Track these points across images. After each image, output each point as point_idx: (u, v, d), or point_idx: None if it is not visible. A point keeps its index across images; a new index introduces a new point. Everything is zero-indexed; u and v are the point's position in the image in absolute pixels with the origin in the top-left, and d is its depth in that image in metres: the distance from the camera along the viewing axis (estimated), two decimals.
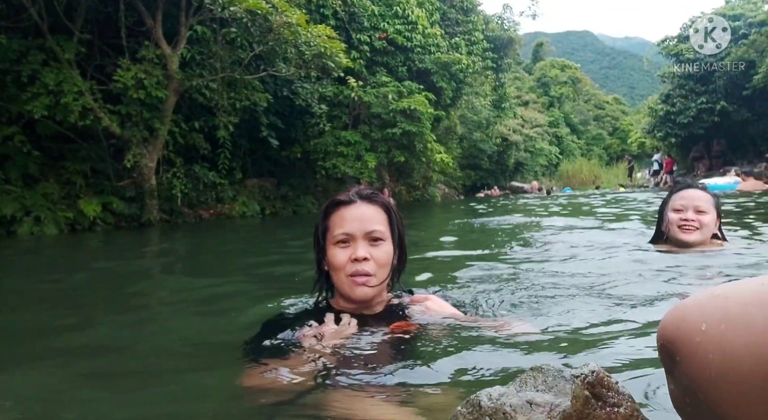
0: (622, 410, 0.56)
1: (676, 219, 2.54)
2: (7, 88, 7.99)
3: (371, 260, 1.44)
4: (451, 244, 5.05)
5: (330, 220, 1.49)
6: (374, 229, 1.45)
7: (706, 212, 2.51)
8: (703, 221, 2.50)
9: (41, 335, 2.15)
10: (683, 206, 2.53)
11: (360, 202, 1.48)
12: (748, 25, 20.91)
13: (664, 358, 0.43)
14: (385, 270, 1.47)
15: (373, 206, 1.49)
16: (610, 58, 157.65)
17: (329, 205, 1.51)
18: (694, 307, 0.41)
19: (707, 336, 0.38)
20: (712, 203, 2.53)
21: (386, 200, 1.53)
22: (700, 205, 2.51)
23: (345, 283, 1.45)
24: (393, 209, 1.53)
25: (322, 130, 12.78)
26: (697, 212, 2.51)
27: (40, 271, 4.37)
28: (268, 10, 9.04)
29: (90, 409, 1.30)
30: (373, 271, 1.44)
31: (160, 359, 1.69)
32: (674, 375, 0.42)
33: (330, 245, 1.47)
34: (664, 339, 0.42)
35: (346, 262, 1.44)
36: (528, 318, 1.61)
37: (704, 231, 2.51)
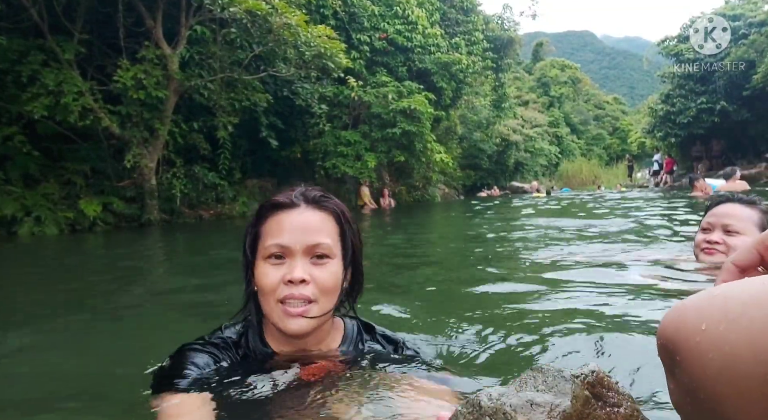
0: (622, 410, 0.57)
1: (700, 240, 2.15)
2: (8, 88, 8.00)
3: (312, 283, 1.10)
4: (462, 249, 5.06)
5: (264, 227, 1.15)
6: (319, 243, 1.11)
7: (739, 233, 2.04)
8: (731, 244, 2.04)
9: (40, 334, 2.15)
10: (710, 225, 2.13)
11: (305, 206, 1.14)
12: (748, 25, 20.90)
13: (664, 357, 0.44)
14: (331, 297, 1.13)
15: (322, 213, 1.15)
16: (610, 58, 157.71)
17: (264, 206, 1.18)
18: (694, 306, 0.41)
19: (707, 335, 0.38)
20: (751, 222, 2.04)
21: (339, 206, 1.19)
22: (731, 224, 2.06)
23: (275, 312, 1.10)
24: (347, 218, 1.18)
25: (322, 130, 12.79)
26: (726, 233, 2.07)
27: (41, 271, 4.37)
28: (268, 11, 9.05)
29: (88, 408, 1.30)
30: (314, 297, 1.10)
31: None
32: (674, 374, 0.43)
33: (259, 259, 1.14)
34: (664, 338, 0.43)
35: (277, 283, 1.10)
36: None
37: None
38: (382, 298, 2.15)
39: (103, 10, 8.85)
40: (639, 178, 31.97)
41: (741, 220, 2.04)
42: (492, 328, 1.60)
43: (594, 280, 2.29)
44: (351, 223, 1.19)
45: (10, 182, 8.05)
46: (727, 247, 2.05)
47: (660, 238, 4.11)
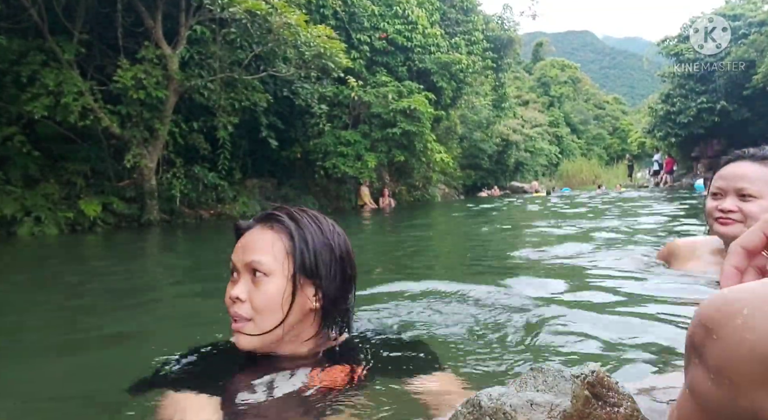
0: (622, 410, 0.57)
1: (711, 208, 1.84)
2: (7, 88, 8.00)
3: (246, 302, 1.11)
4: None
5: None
6: (252, 260, 1.11)
7: (755, 197, 1.74)
8: (747, 210, 1.74)
9: (40, 334, 2.15)
10: (721, 189, 1.81)
11: (257, 227, 1.17)
12: (748, 25, 20.90)
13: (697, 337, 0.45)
14: (270, 317, 1.11)
15: (270, 231, 1.14)
16: (610, 58, 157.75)
17: (234, 230, 1.22)
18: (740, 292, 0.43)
19: (748, 318, 0.40)
20: (767, 180, 1.74)
21: (291, 223, 1.15)
22: (745, 187, 1.74)
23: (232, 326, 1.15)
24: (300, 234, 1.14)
25: (322, 130, 12.78)
26: (740, 197, 1.76)
27: (40, 271, 4.37)
28: (268, 10, 9.05)
29: (88, 410, 1.30)
30: (249, 315, 1.11)
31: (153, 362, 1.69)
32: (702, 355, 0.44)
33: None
34: (704, 317, 0.44)
35: (228, 300, 1.14)
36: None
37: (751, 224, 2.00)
38: (381, 298, 2.15)
39: (102, 10, 8.86)
40: (639, 178, 31.97)
41: (756, 182, 1.73)
42: (492, 328, 1.60)
43: (595, 280, 2.29)
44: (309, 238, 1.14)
45: (10, 182, 8.06)
46: (744, 215, 1.74)
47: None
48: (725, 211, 1.76)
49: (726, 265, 0.55)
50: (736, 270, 0.53)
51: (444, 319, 1.78)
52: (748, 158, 1.78)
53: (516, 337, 1.49)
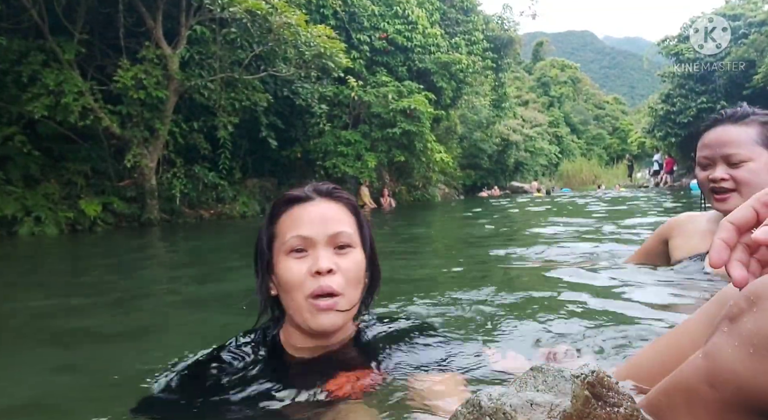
0: (622, 410, 0.57)
1: (703, 178, 1.74)
2: (8, 88, 8.01)
3: (338, 273, 1.07)
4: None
5: (279, 225, 1.12)
6: (341, 231, 1.09)
7: (744, 161, 1.63)
8: (738, 177, 1.64)
9: (40, 333, 2.15)
10: (708, 159, 1.71)
11: (319, 199, 1.12)
12: (748, 24, 20.91)
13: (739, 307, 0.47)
14: (357, 289, 1.11)
15: (337, 204, 1.13)
16: (610, 58, 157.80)
17: (277, 204, 1.14)
18: None
19: None
20: (752, 141, 1.64)
21: (351, 197, 1.18)
22: (731, 154, 1.65)
23: (304, 308, 1.06)
24: (358, 209, 1.19)
25: (322, 129, 12.79)
26: (730, 164, 1.66)
27: (40, 271, 4.37)
28: (268, 10, 9.06)
29: (82, 407, 1.30)
30: (341, 288, 1.06)
31: (151, 361, 1.69)
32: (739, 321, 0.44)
33: (280, 256, 1.09)
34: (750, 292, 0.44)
35: (304, 276, 1.05)
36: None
37: (745, 192, 1.63)
38: (380, 298, 2.15)
39: (103, 10, 8.87)
40: (639, 178, 31.98)
41: (741, 145, 1.64)
42: (492, 328, 1.61)
43: (595, 280, 2.29)
44: (362, 213, 1.18)
45: (10, 182, 8.06)
46: (736, 182, 1.65)
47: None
48: (716, 180, 1.67)
49: (715, 239, 0.55)
50: (725, 244, 0.53)
51: (442, 318, 1.78)
52: (728, 121, 1.69)
53: (516, 337, 1.50)
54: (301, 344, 1.13)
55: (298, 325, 1.09)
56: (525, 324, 1.64)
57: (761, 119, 1.66)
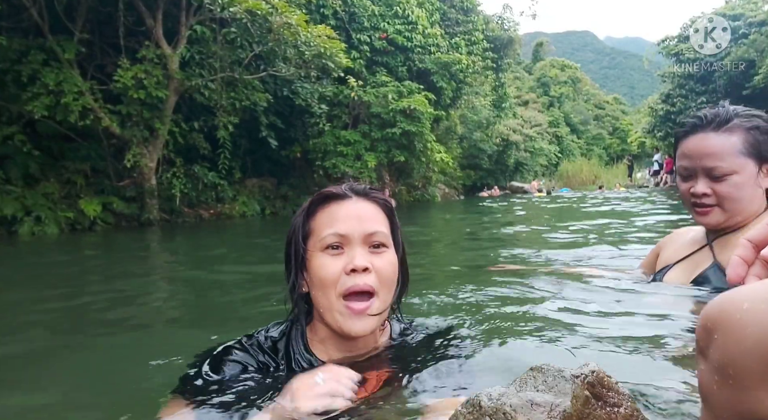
0: (622, 410, 0.57)
1: (684, 190, 1.61)
2: (8, 87, 8.00)
3: (373, 272, 1.06)
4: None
5: (315, 221, 1.11)
6: (376, 231, 1.09)
7: (728, 173, 1.49)
8: (722, 192, 1.51)
9: (40, 333, 2.15)
10: (688, 169, 1.57)
11: (356, 198, 1.13)
12: (748, 24, 20.91)
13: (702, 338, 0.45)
14: (390, 290, 1.09)
15: (372, 204, 1.14)
16: (610, 58, 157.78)
17: (315, 201, 1.13)
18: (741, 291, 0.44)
19: (748, 313, 0.40)
20: (736, 151, 1.48)
21: (386, 198, 1.20)
22: (714, 167, 1.49)
23: (336, 308, 1.05)
24: (393, 210, 1.19)
25: (322, 129, 12.79)
26: (712, 178, 1.52)
27: (40, 271, 4.37)
28: (268, 10, 9.05)
29: (86, 411, 1.30)
30: (376, 288, 1.06)
31: (151, 362, 1.69)
32: (707, 354, 0.44)
33: (315, 252, 1.08)
34: (706, 318, 0.44)
35: (338, 274, 1.04)
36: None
37: (728, 206, 1.52)
38: None
39: (103, 9, 8.86)
40: (639, 179, 31.96)
41: (724, 157, 1.48)
42: (492, 328, 1.61)
43: (595, 280, 2.29)
44: (395, 215, 1.19)
45: (10, 182, 8.06)
46: (718, 197, 1.52)
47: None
48: (698, 195, 1.54)
49: (733, 256, 0.56)
50: (743, 260, 0.54)
51: (441, 317, 1.78)
52: (709, 127, 1.51)
53: (516, 337, 1.50)
54: (329, 343, 1.12)
55: (328, 323, 1.08)
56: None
57: (745, 124, 1.49)
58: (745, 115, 1.50)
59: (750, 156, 1.47)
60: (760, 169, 1.48)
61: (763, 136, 1.48)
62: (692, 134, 1.54)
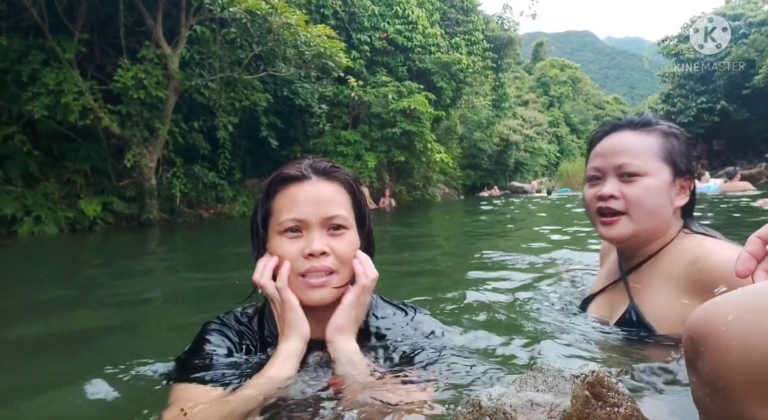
0: (622, 410, 0.57)
1: (590, 197, 1.43)
2: (8, 87, 8.00)
3: (332, 254, 1.09)
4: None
5: (275, 202, 1.13)
6: (335, 214, 1.10)
7: (638, 174, 1.34)
8: (631, 196, 1.34)
9: (39, 333, 2.15)
10: (600, 170, 1.41)
11: (316, 178, 1.12)
12: (748, 24, 20.94)
13: (689, 349, 0.44)
14: (350, 267, 1.12)
15: (333, 184, 1.13)
16: (610, 58, 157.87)
17: (273, 181, 1.14)
18: (724, 301, 0.43)
19: (733, 325, 0.39)
20: (652, 152, 1.35)
21: (348, 175, 1.17)
22: (626, 163, 1.35)
23: (294, 285, 1.09)
24: (357, 187, 1.18)
25: (322, 129, 12.79)
26: (622, 177, 1.36)
27: (40, 271, 4.37)
28: (268, 10, 9.05)
29: (86, 411, 1.30)
30: (335, 267, 1.09)
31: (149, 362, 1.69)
32: (697, 366, 0.44)
33: (274, 235, 1.12)
34: (691, 330, 0.44)
35: (296, 257, 1.09)
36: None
37: (637, 215, 1.34)
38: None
39: (103, 9, 8.86)
40: None
41: (638, 155, 1.34)
42: (492, 328, 1.61)
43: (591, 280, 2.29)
44: (359, 192, 1.19)
45: (10, 181, 8.06)
46: (627, 201, 1.34)
47: None
48: (605, 197, 1.36)
49: (742, 251, 0.56)
50: (751, 256, 0.54)
51: (443, 318, 1.78)
52: (628, 127, 1.41)
53: (516, 337, 1.49)
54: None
55: None
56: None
57: (665, 130, 1.39)
58: (665, 122, 1.42)
59: (666, 162, 1.34)
60: (674, 180, 1.34)
61: (681, 146, 1.37)
62: (609, 134, 1.43)
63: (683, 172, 1.35)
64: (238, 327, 1.19)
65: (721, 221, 5.39)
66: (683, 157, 1.36)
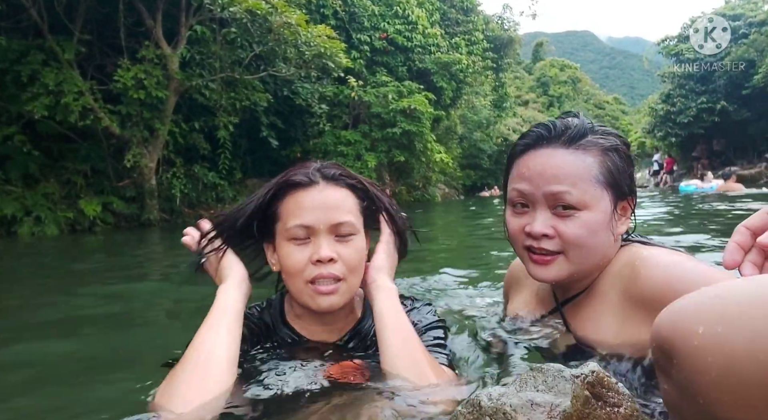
0: (622, 410, 0.57)
1: (516, 230, 1.16)
2: (7, 88, 8.00)
3: (339, 261, 1.09)
4: None
5: (282, 207, 1.12)
6: (343, 221, 1.09)
7: (578, 206, 1.07)
8: (569, 236, 1.08)
9: (40, 332, 2.15)
10: (525, 196, 1.13)
11: (324, 183, 1.12)
12: (748, 24, 20.92)
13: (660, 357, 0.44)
14: (358, 273, 1.13)
15: (342, 189, 1.13)
16: (610, 58, 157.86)
17: (281, 185, 1.12)
18: (690, 308, 0.41)
19: (705, 338, 0.38)
20: (591, 177, 1.08)
21: (358, 179, 1.17)
22: (563, 191, 1.07)
23: (303, 291, 1.10)
24: (370, 188, 1.18)
25: (322, 129, 12.80)
26: (556, 210, 1.09)
27: (40, 271, 4.37)
28: (268, 10, 9.05)
29: (86, 410, 1.30)
30: (343, 274, 1.09)
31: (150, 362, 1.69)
32: (670, 375, 0.43)
33: (282, 240, 1.11)
34: (660, 339, 0.43)
35: (304, 264, 1.08)
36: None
37: (575, 256, 1.10)
38: None
39: (103, 9, 8.86)
40: (639, 178, 31.96)
41: (576, 183, 1.07)
42: (492, 328, 1.60)
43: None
44: (378, 194, 1.20)
45: (10, 182, 8.06)
46: (563, 240, 1.09)
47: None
48: (537, 236, 1.10)
49: (730, 242, 0.55)
50: (739, 246, 0.53)
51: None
52: (558, 141, 1.11)
53: (516, 337, 1.49)
54: (305, 319, 1.18)
55: (299, 303, 1.15)
56: None
57: (603, 143, 1.12)
58: (602, 131, 1.16)
59: (606, 187, 1.08)
60: (615, 207, 1.10)
61: (622, 162, 1.12)
62: (534, 149, 1.12)
63: (625, 195, 1.12)
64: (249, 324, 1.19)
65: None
66: (625, 175, 1.11)
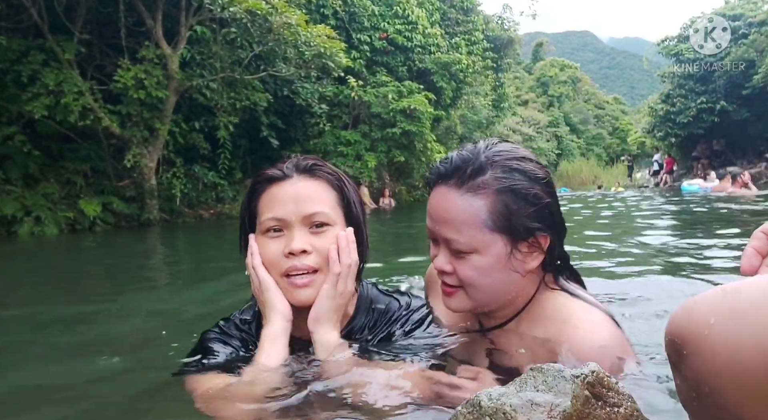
0: (622, 410, 0.57)
1: (432, 258, 1.18)
2: (8, 88, 8.00)
3: (313, 253, 1.08)
4: None
5: (258, 203, 1.14)
6: (315, 212, 1.09)
7: (466, 251, 1.08)
8: (462, 275, 1.10)
9: (40, 332, 2.15)
10: (431, 232, 1.15)
11: (297, 176, 1.12)
12: (748, 24, 20.91)
13: (672, 352, 0.44)
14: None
15: (315, 181, 1.12)
16: (610, 58, 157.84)
17: (257, 181, 1.15)
18: (704, 302, 0.42)
19: (715, 329, 0.39)
20: (478, 222, 1.06)
21: (334, 171, 1.15)
22: (451, 239, 1.09)
23: (281, 286, 1.10)
24: (345, 182, 1.16)
25: (322, 129, 12.79)
26: (452, 251, 1.11)
27: (40, 271, 4.37)
28: (268, 10, 9.05)
29: (87, 410, 1.30)
30: (318, 265, 1.08)
31: (150, 362, 1.69)
32: (681, 369, 0.43)
33: (258, 234, 1.14)
34: (673, 333, 0.43)
35: (278, 256, 1.09)
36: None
37: (473, 293, 1.12)
38: None
39: (103, 9, 8.86)
40: (639, 178, 31.97)
41: (462, 230, 1.07)
42: None
43: (596, 281, 2.29)
44: (349, 187, 1.17)
45: (10, 182, 8.06)
46: (460, 278, 1.11)
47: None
48: (442, 272, 1.13)
49: (747, 247, 0.55)
50: (756, 251, 0.54)
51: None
52: (452, 181, 1.09)
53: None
54: (295, 317, 1.13)
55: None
56: None
57: (498, 184, 1.07)
58: (503, 166, 1.08)
59: (498, 230, 1.06)
60: (513, 248, 1.07)
61: (519, 202, 1.06)
62: (435, 186, 1.13)
63: (525, 236, 1.07)
64: (240, 335, 1.20)
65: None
66: (524, 216, 1.06)
